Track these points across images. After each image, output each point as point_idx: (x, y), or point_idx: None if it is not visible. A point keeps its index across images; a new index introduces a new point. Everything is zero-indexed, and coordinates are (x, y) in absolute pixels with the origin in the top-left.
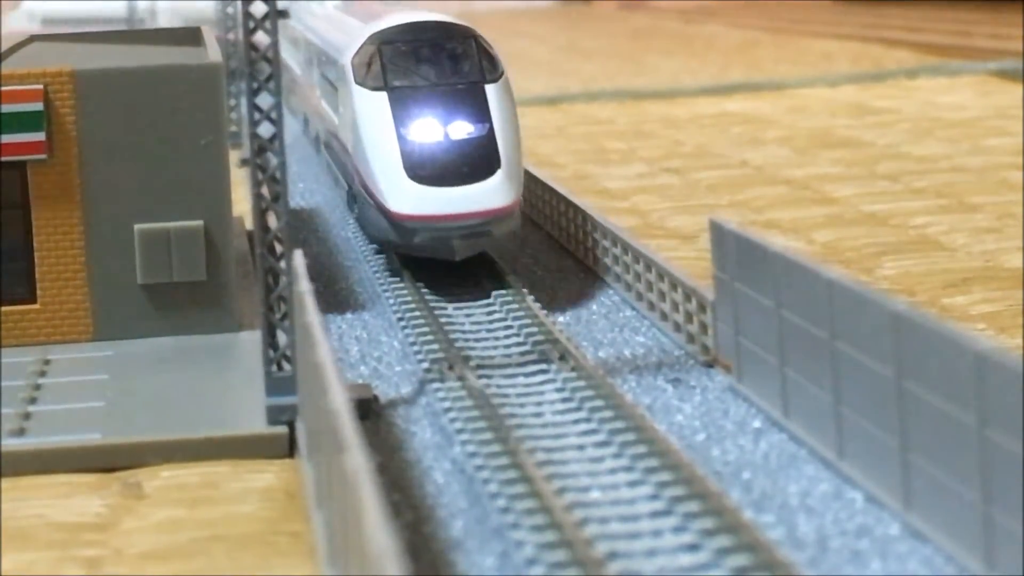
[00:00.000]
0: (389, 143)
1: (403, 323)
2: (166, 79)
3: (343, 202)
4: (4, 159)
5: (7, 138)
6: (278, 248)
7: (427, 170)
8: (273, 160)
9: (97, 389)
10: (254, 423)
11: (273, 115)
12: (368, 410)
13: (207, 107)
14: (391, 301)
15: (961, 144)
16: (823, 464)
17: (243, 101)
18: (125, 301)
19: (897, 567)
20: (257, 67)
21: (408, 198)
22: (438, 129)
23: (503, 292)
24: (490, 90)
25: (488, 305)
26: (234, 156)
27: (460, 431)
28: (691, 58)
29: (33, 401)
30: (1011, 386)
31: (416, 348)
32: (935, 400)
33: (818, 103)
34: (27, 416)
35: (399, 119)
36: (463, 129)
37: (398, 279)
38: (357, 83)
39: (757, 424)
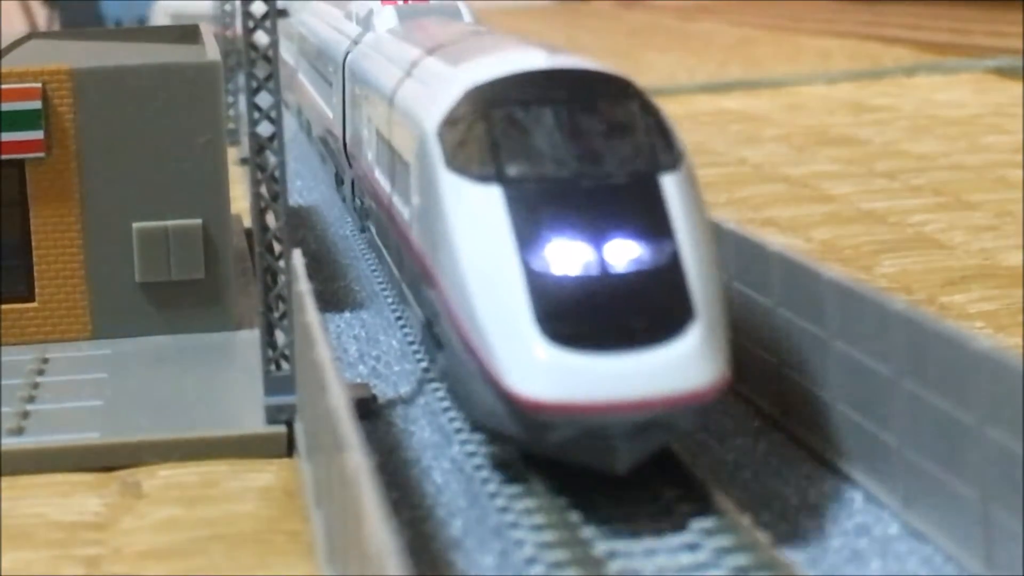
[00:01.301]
0: (506, 275)
1: None
2: (164, 77)
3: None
4: (2, 157)
5: (5, 136)
6: (277, 247)
7: (573, 325)
8: (272, 159)
9: (95, 388)
10: (253, 422)
11: (272, 114)
12: (367, 409)
13: (205, 105)
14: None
15: (959, 142)
16: (822, 463)
17: (241, 99)
18: (123, 299)
19: (896, 567)
20: (256, 66)
21: (541, 373)
22: (588, 254)
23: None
24: (669, 184)
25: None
26: (232, 154)
27: (459, 431)
28: (688, 55)
29: (32, 400)
30: (1010, 385)
31: None
32: (934, 399)
33: (816, 101)
34: (25, 415)
35: (524, 235)
36: (629, 253)
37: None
38: (448, 167)
39: (756, 423)
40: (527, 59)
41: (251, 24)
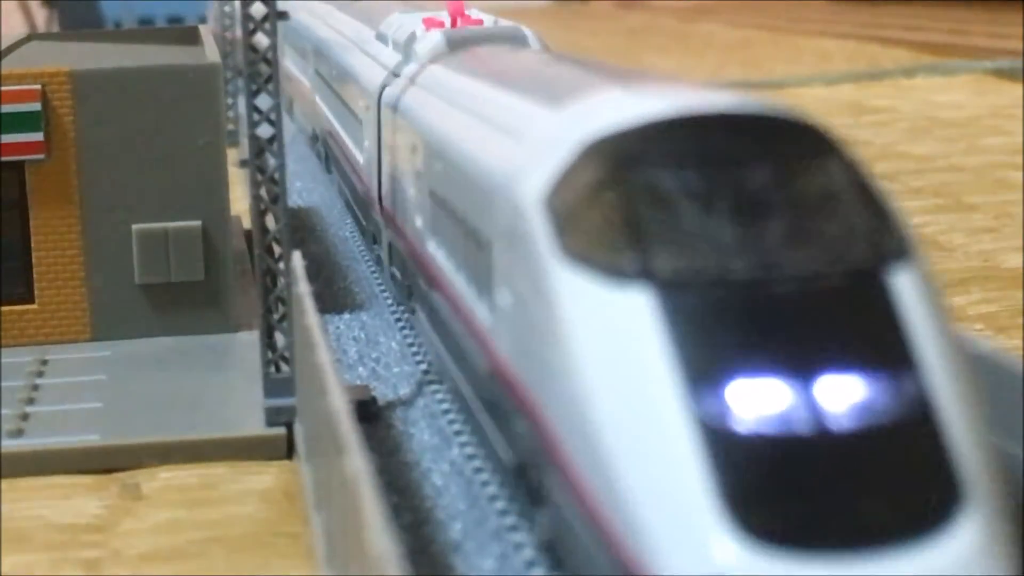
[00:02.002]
0: (666, 430)
1: None
2: (164, 79)
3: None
4: (2, 159)
5: (5, 138)
6: (276, 249)
7: (775, 513)
8: (272, 161)
9: (95, 390)
10: (252, 424)
11: (272, 116)
12: (366, 412)
13: (205, 107)
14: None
15: (959, 143)
16: None
17: (241, 101)
18: (123, 301)
19: None
20: (256, 68)
21: None
22: (790, 398)
23: None
24: (902, 285)
25: None
26: (232, 155)
27: (458, 433)
28: (688, 57)
29: (31, 402)
30: (1010, 387)
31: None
32: None
33: (815, 102)
34: (25, 417)
35: (692, 368)
36: (852, 397)
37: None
38: (563, 257)
39: None
40: (665, 100)
41: (251, 26)
